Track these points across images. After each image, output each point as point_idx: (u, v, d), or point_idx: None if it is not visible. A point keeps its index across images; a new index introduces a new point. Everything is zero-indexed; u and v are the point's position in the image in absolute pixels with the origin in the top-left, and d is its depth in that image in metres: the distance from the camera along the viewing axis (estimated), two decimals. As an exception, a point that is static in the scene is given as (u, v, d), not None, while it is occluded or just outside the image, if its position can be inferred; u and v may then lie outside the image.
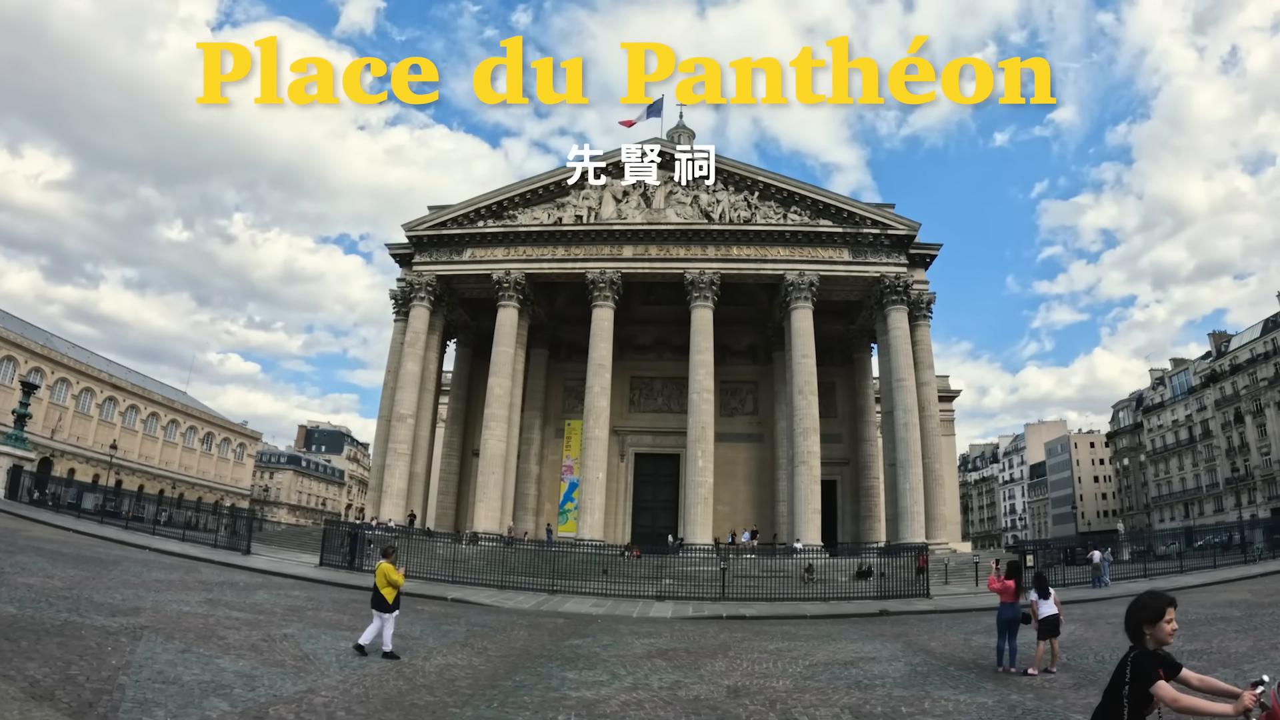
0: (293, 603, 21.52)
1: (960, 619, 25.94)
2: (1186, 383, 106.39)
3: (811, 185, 51.77)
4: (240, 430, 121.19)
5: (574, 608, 27.08)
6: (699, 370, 48.34)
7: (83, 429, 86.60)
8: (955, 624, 24.21)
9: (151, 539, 37.99)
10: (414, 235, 52.33)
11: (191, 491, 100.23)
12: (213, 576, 25.99)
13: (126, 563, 26.05)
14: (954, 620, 25.55)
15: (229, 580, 25.63)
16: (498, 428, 48.85)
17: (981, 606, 29.15)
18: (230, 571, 29.17)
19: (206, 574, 26.62)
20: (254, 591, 23.19)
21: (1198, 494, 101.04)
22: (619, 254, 50.60)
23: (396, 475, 48.66)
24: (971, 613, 27.59)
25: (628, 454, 58.31)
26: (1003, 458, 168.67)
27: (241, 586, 24.32)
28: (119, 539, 35.93)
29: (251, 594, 22.42)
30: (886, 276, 49.46)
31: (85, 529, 38.06)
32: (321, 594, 25.41)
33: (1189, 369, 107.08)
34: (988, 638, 18.01)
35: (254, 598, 21.52)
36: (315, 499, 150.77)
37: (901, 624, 24.64)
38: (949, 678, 14.58)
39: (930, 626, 23.75)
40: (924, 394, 49.66)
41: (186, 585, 22.29)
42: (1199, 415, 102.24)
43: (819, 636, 20.83)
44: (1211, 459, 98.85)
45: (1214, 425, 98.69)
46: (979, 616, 26.11)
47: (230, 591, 22.35)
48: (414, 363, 50.55)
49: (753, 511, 55.74)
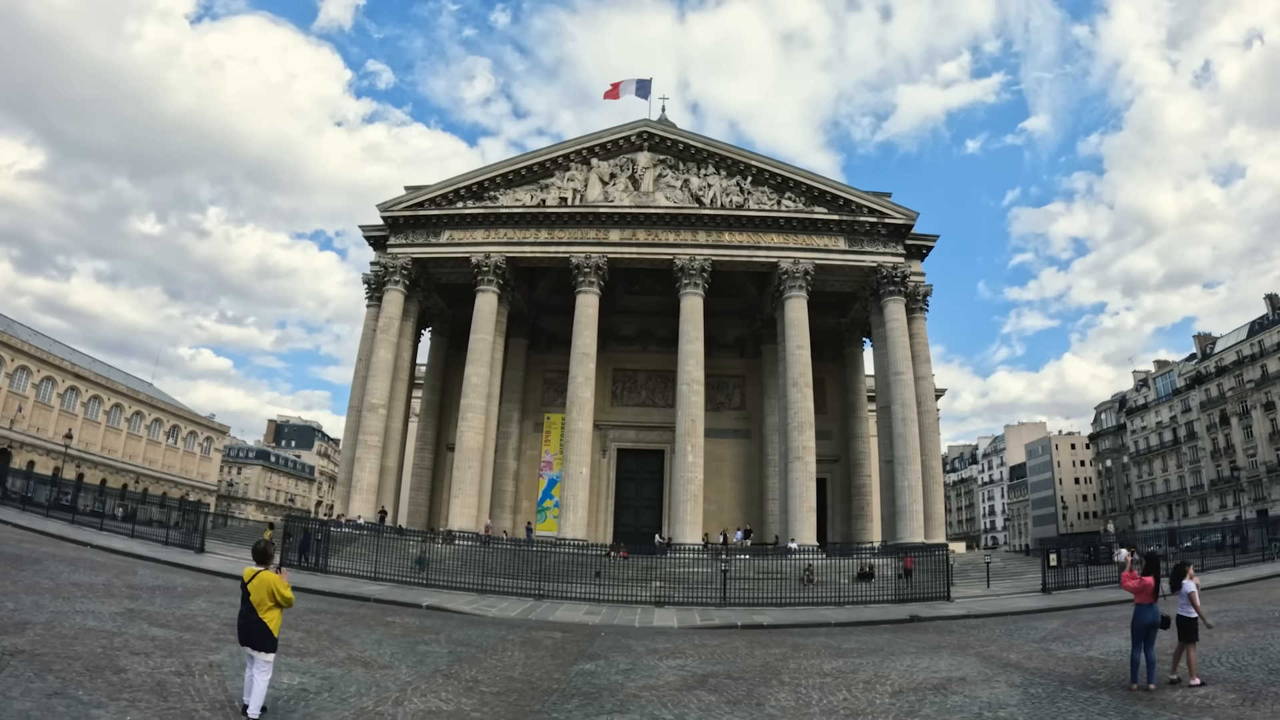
0: (235, 615, 17.94)
1: (1008, 624, 23.59)
2: (1171, 384, 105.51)
3: (807, 171, 49.59)
4: (207, 424, 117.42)
5: (566, 616, 24.58)
6: (689, 360, 45.93)
7: (43, 420, 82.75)
8: (1011, 630, 21.77)
9: (97, 535, 35.09)
10: (389, 216, 49.50)
11: (156, 486, 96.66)
12: (148, 579, 22.93)
13: (50, 561, 22.99)
14: (1003, 626, 23.04)
15: (166, 584, 22.48)
16: (474, 419, 46.20)
17: (1017, 610, 27.26)
18: (173, 573, 26.15)
19: (142, 576, 23.55)
20: (191, 599, 19.96)
21: (1182, 495, 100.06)
22: (605, 238, 48.08)
23: (367, 469, 45.82)
24: (1008, 616, 25.69)
25: (610, 449, 55.86)
26: (982, 459, 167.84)
27: (178, 593, 21.07)
28: (59, 534, 32.98)
29: (187, 602, 19.29)
30: (884, 266, 47.38)
31: (25, 523, 34.99)
32: None
33: (1173, 371, 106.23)
34: (1066, 646, 16.11)
35: (188, 608, 18.37)
36: (285, 495, 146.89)
37: (945, 631, 22.23)
38: (1079, 702, 12.16)
39: (983, 634, 21.31)
40: (921, 389, 47.63)
41: (110, 591, 19.24)
42: (1184, 417, 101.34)
43: (870, 650, 18.22)
44: (1196, 460, 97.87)
45: (1199, 427, 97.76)
46: (1023, 621, 24.23)
47: (161, 599, 19.23)
48: (387, 350, 47.74)
49: (740, 511, 53.47)
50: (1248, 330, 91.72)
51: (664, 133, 50.05)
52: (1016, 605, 28.60)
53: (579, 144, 49.96)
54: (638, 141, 50.11)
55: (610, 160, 50.04)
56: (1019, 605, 28.62)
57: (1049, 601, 29.82)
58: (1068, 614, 25.67)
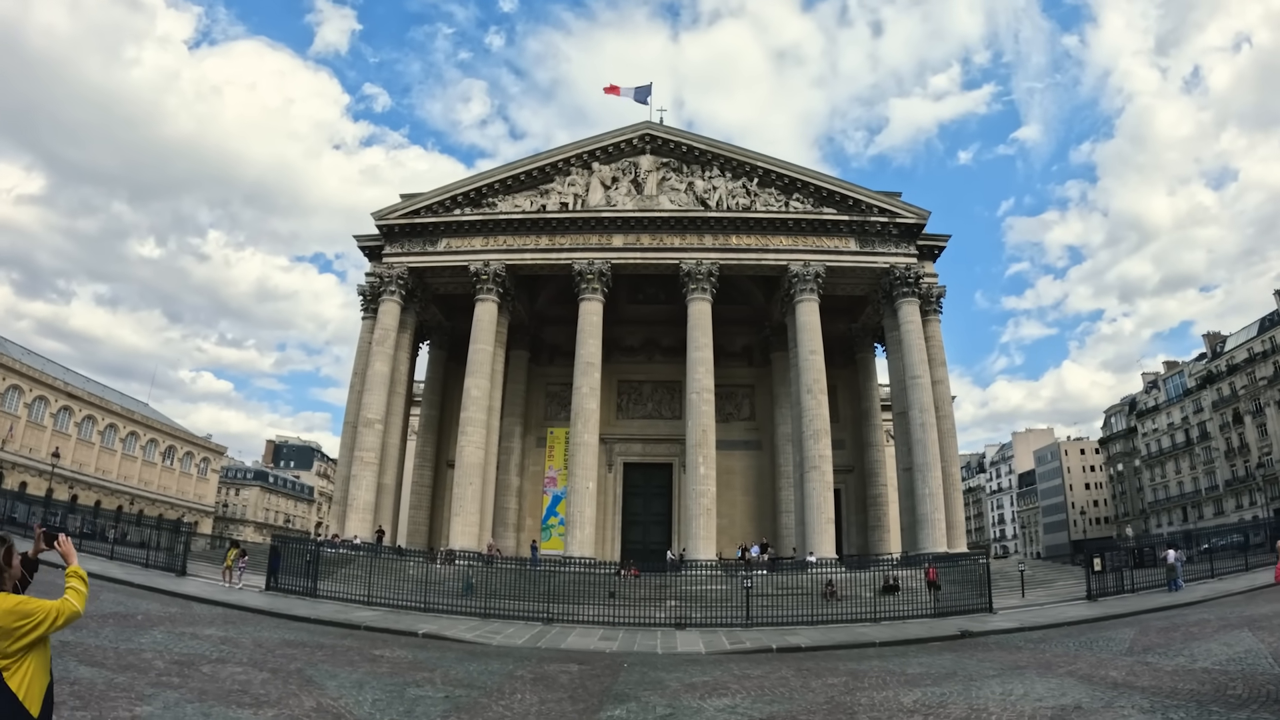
0: (193, 650, 15.96)
1: (1074, 636, 21.61)
2: (1181, 385, 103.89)
3: (814, 171, 48.02)
4: (204, 444, 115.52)
5: (580, 643, 22.44)
6: (698, 368, 44.13)
7: (36, 440, 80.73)
8: (1085, 643, 19.75)
9: None
10: (384, 224, 47.79)
11: (152, 508, 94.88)
12: (106, 606, 20.74)
13: None
14: (1071, 639, 20.95)
15: (126, 611, 20.32)
16: (475, 433, 44.36)
17: (1072, 620, 25.36)
18: (140, 598, 24.10)
19: (102, 602, 21.27)
20: (148, 630, 17.67)
21: (1196, 497, 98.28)
22: (608, 243, 46.38)
23: (363, 487, 43.86)
24: (1065, 627, 23.79)
25: (615, 463, 54.02)
26: (990, 467, 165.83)
27: (135, 622, 18.80)
28: None
29: (140, 634, 17.02)
30: (896, 267, 45.71)
31: None
32: (248, 632, 19.87)
33: (1183, 371, 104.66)
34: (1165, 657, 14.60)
35: (138, 641, 16.00)
36: (283, 516, 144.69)
37: (1010, 648, 20.21)
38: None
39: (1056, 648, 19.30)
40: (938, 393, 45.83)
41: None
42: (1196, 417, 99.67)
43: (944, 675, 16.07)
44: (1210, 461, 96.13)
45: (1212, 427, 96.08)
46: (1088, 631, 22.34)
47: (110, 631, 16.90)
48: (383, 362, 45.92)
49: (752, 525, 51.52)
50: (1258, 327, 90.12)
51: (667, 134, 48.45)
52: (1068, 615, 26.68)
53: (579, 148, 48.36)
54: (640, 144, 48.53)
55: (612, 164, 48.45)
56: (1070, 615, 26.70)
57: (1100, 609, 28.03)
58: (1132, 621, 23.94)
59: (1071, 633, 22.51)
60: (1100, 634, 21.40)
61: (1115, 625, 23.45)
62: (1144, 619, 24.40)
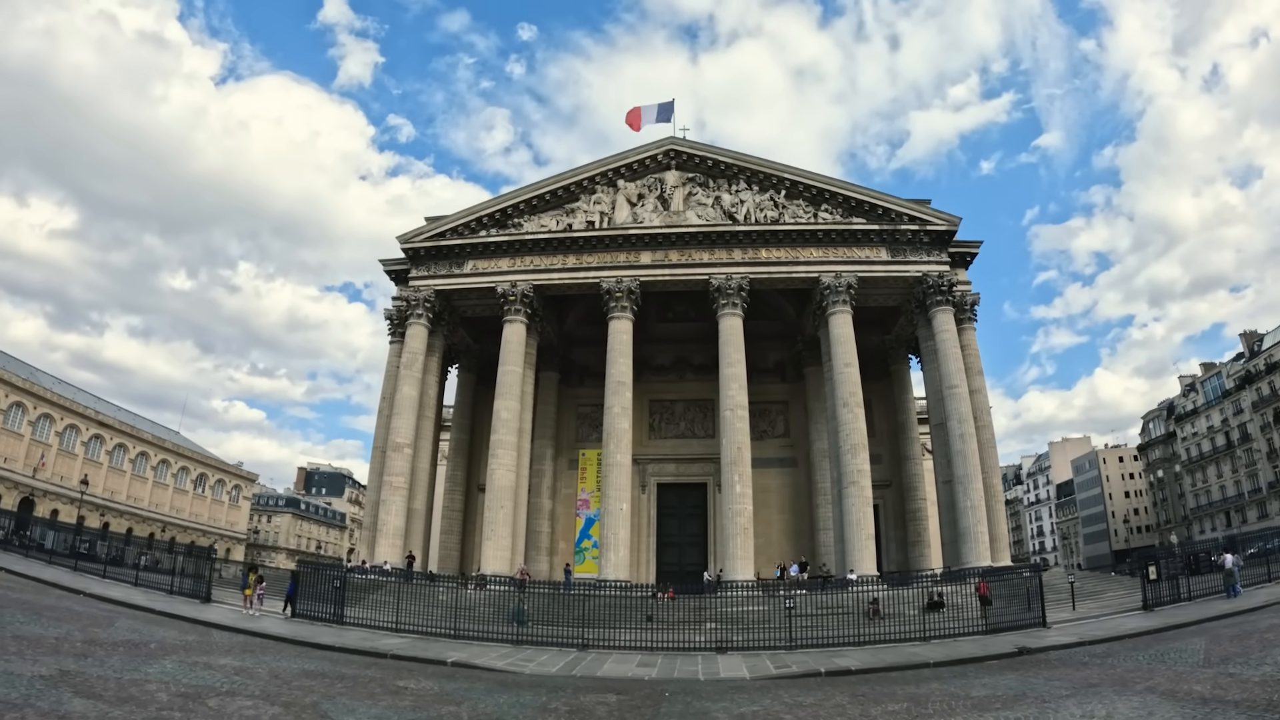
0: (203, 681, 14.59)
1: (1141, 649, 20.54)
2: (1219, 387, 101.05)
3: (842, 181, 47.30)
4: (235, 471, 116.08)
5: (617, 670, 21.58)
6: (731, 384, 43.34)
7: (67, 468, 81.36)
8: (1156, 657, 18.70)
9: (96, 582, 33.07)
10: (410, 248, 47.62)
11: (184, 535, 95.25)
12: (121, 633, 20.05)
13: (11, 609, 20.29)
14: (1138, 653, 19.89)
15: (139, 639, 19.49)
16: (505, 456, 43.81)
17: (1133, 632, 24.09)
18: (158, 625, 23.44)
19: (117, 628, 20.67)
20: (157, 659, 16.64)
21: (1239, 501, 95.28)
22: (636, 260, 45.87)
23: (393, 512, 43.42)
24: (1128, 640, 22.62)
25: (649, 484, 53.23)
26: (1026, 479, 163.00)
27: (147, 651, 17.84)
28: (54, 581, 30.85)
29: (148, 664, 15.92)
30: (929, 276, 44.78)
31: (19, 568, 33.01)
32: (265, 662, 18.75)
33: (1221, 372, 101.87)
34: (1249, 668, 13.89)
35: (145, 671, 14.91)
36: (315, 543, 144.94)
37: (1075, 664, 19.17)
38: None
39: (1125, 663, 18.34)
40: (976, 402, 44.68)
41: (58, 648, 16.14)
42: (1235, 419, 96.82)
43: (1013, 698, 15.03)
44: (1252, 463, 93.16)
45: (1252, 428, 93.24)
46: (1154, 644, 21.15)
47: (118, 659, 15.88)
48: (411, 386, 45.57)
49: (789, 543, 50.45)
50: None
51: (692, 149, 47.98)
52: (1127, 626, 25.45)
53: (604, 165, 48.03)
54: (665, 160, 48.12)
55: (637, 181, 48.04)
56: (1129, 626, 25.46)
57: (1159, 619, 26.76)
58: (1198, 631, 22.85)
59: (1137, 645, 21.41)
60: (1168, 645, 20.35)
61: (1181, 635, 22.37)
62: (1210, 628, 23.30)
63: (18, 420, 75.20)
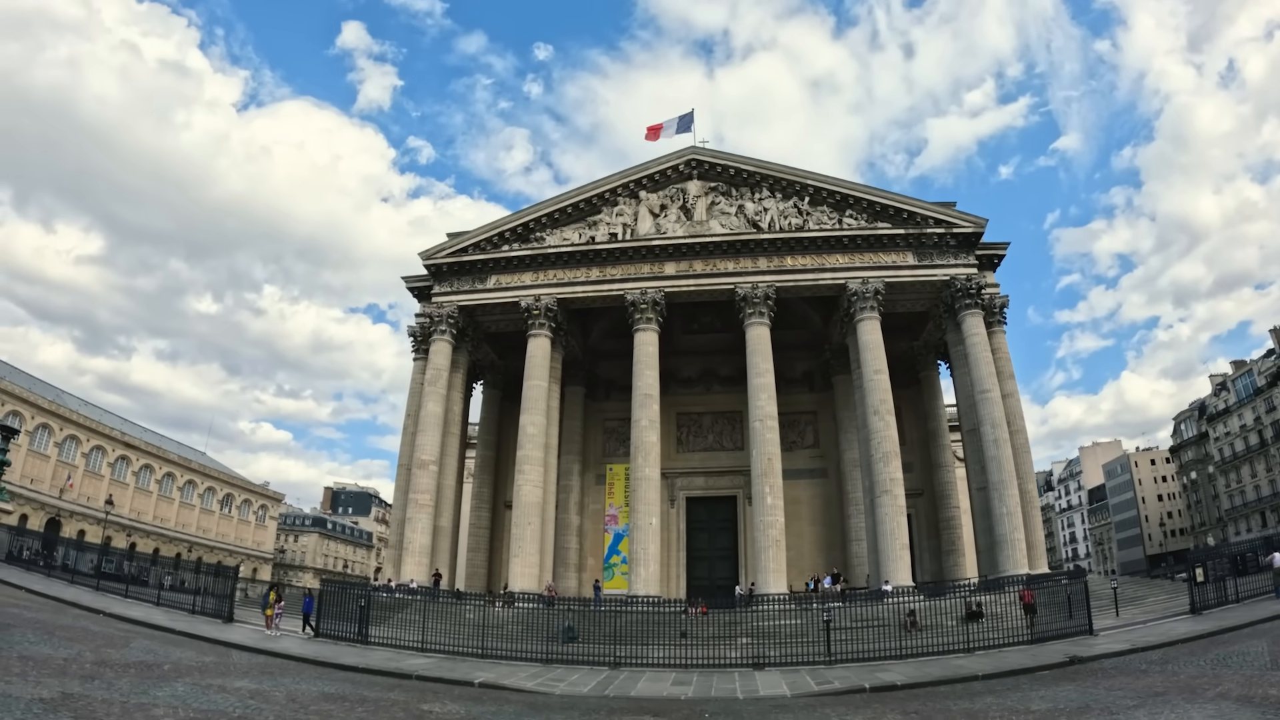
0: (214, 705, 13.88)
1: (1199, 654, 19.67)
2: (1252, 384, 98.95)
3: (866, 186, 46.64)
4: (261, 491, 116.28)
5: (652, 689, 20.88)
6: (760, 395, 42.71)
7: (94, 489, 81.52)
8: (1218, 661, 17.91)
9: (116, 602, 32.72)
10: (432, 264, 47.46)
11: (210, 555, 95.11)
12: (135, 654, 19.35)
13: (23, 628, 19.65)
14: (1198, 658, 19.06)
15: (153, 661, 18.80)
16: (532, 471, 43.39)
17: (1186, 636, 23.20)
18: (176, 646, 22.83)
19: (132, 649, 20.00)
20: (169, 682, 15.79)
21: (1275, 501, 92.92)
22: (660, 271, 45.42)
23: (419, 530, 43.01)
24: (1182, 645, 21.78)
25: (678, 498, 52.63)
26: (1057, 485, 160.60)
27: (160, 672, 17.10)
28: (74, 600, 30.43)
29: (159, 686, 15.00)
30: (957, 279, 44.00)
31: (39, 587, 32.68)
32: (284, 684, 17.88)
33: (1252, 370, 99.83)
34: None
35: (154, 694, 14.01)
36: (342, 562, 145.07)
37: (1134, 673, 18.32)
38: None
39: (1188, 669, 17.52)
40: (1009, 406, 43.66)
41: (65, 668, 15.24)
42: (1269, 416, 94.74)
43: (1075, 711, 14.18)
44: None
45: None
46: (1211, 648, 20.28)
47: (127, 681, 15.02)
48: (435, 403, 45.28)
49: (821, 555, 49.64)
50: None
51: (714, 158, 47.54)
52: (1178, 631, 24.58)
53: (625, 177, 47.72)
54: (686, 170, 47.74)
55: (659, 191, 47.69)
56: (1180, 631, 24.59)
57: (1211, 623, 25.82)
58: (1256, 633, 22.05)
59: (1194, 650, 20.56)
60: (1228, 649, 19.51)
61: (1239, 638, 21.51)
62: (1266, 629, 22.50)
63: (44, 442, 75.57)
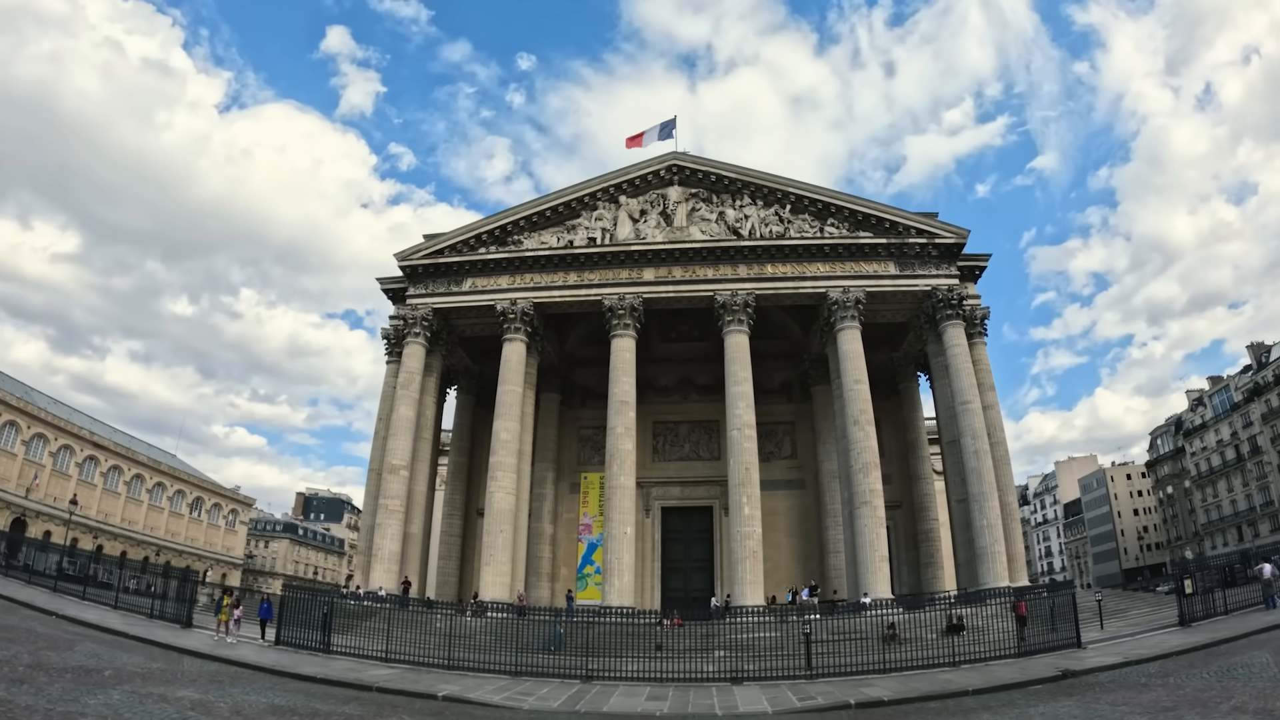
0: (150, 718, 12.89)
1: (1199, 667, 19.35)
2: (1228, 400, 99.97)
3: (848, 195, 46.25)
4: (232, 496, 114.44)
5: (626, 704, 20.16)
6: (738, 403, 42.09)
7: (61, 489, 79.52)
8: (1223, 674, 17.56)
9: (71, 604, 31.67)
10: (408, 266, 46.55)
11: (179, 559, 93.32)
12: (77, 658, 18.36)
13: None
14: (1199, 670, 18.71)
15: (98, 665, 17.85)
16: (505, 478, 42.51)
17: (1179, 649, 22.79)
18: (125, 650, 21.88)
19: (75, 653, 19.03)
20: (105, 689, 14.67)
21: (1251, 515, 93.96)
22: (639, 277, 44.77)
23: (388, 536, 41.94)
24: (1178, 657, 21.37)
25: (653, 508, 51.82)
26: (1033, 499, 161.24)
27: (100, 679, 16.00)
28: (27, 601, 29.57)
29: (94, 693, 14.12)
30: (939, 289, 43.64)
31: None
32: (231, 695, 16.91)
33: (1229, 386, 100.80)
34: None
35: (85, 702, 13.01)
36: (312, 569, 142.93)
37: (1134, 687, 17.86)
38: None
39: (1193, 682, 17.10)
40: (990, 418, 43.36)
41: None
42: (1245, 432, 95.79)
43: None
44: (1264, 476, 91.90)
45: (1263, 440, 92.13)
46: (1210, 661, 19.98)
47: (61, 687, 14.12)
48: (408, 406, 44.32)
49: (798, 567, 49.05)
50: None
51: (695, 164, 47.00)
52: (1170, 644, 24.11)
53: (606, 181, 47.04)
54: (667, 175, 47.15)
55: (639, 197, 47.05)
56: (1173, 643, 24.12)
57: (1204, 635, 25.44)
58: (1250, 645, 21.83)
59: (1193, 662, 20.14)
60: (1229, 661, 19.17)
61: (1237, 650, 21.24)
62: (1263, 640, 22.26)
63: (11, 439, 73.79)
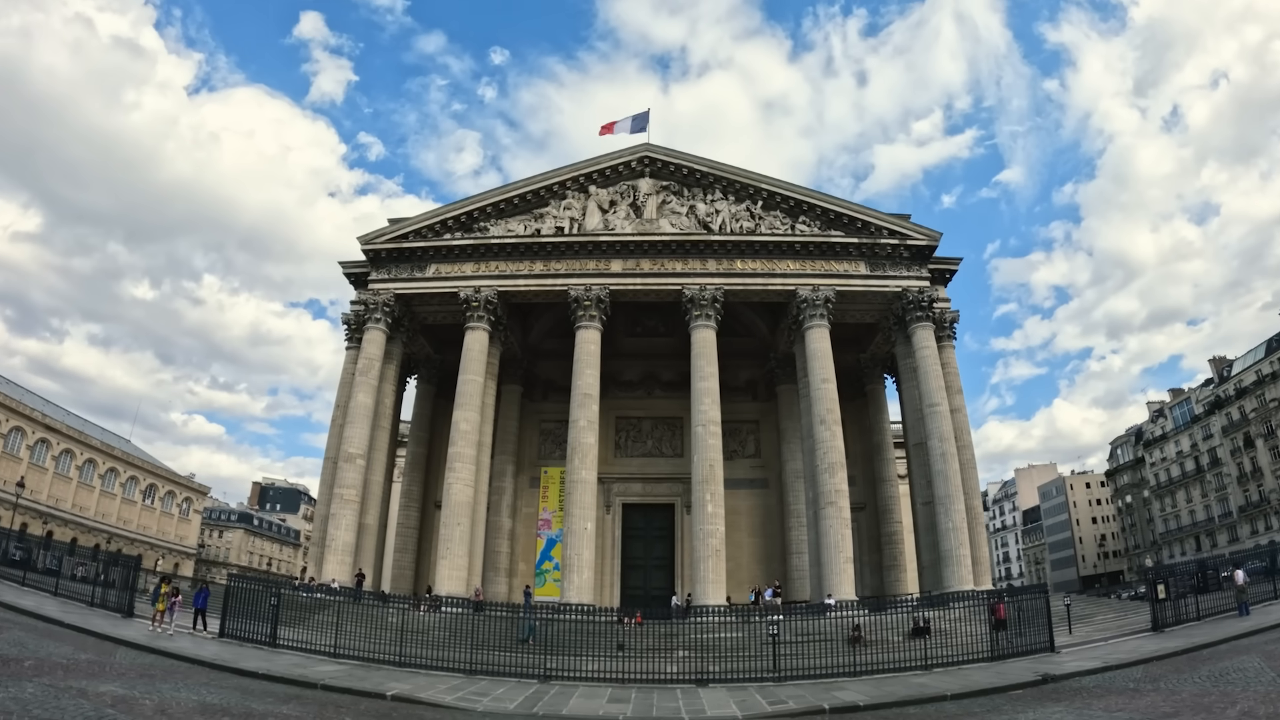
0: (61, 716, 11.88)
1: (1185, 671, 18.97)
2: (1189, 412, 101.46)
3: (821, 193, 45.73)
4: (186, 484, 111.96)
5: (586, 707, 19.25)
6: (703, 399, 41.42)
7: (11, 472, 76.95)
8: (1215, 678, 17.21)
9: (9, 590, 30.45)
10: (371, 250, 45.31)
11: (131, 547, 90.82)
12: None
13: None
14: (1185, 676, 18.28)
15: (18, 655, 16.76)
16: (464, 470, 41.49)
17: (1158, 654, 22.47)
18: (55, 640, 20.70)
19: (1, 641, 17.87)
20: (20, 682, 13.56)
21: (1209, 525, 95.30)
22: (606, 268, 43.91)
23: (343, 526, 40.69)
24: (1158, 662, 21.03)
25: (614, 504, 51.03)
26: (992, 505, 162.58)
27: (20, 670, 14.89)
28: None
29: (5, 686, 13.16)
30: (909, 291, 43.34)
31: None
32: (159, 691, 15.61)
33: (1190, 398, 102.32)
34: None
35: None
36: (266, 560, 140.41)
37: (1121, 692, 17.40)
38: None
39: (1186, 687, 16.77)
40: (957, 421, 43.07)
41: None
42: (1205, 444, 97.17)
43: None
44: (1222, 488, 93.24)
45: (1222, 453, 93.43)
46: (1197, 665, 19.65)
47: None
48: (366, 394, 43.10)
49: (760, 567, 48.58)
50: (1265, 348, 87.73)
51: (667, 156, 46.22)
52: (1148, 649, 23.81)
53: (576, 170, 46.13)
54: (639, 167, 46.34)
55: (610, 187, 46.20)
56: (1151, 648, 23.81)
57: (1180, 640, 25.16)
58: (1233, 649, 21.65)
59: (1178, 666, 19.80)
60: (1218, 665, 18.87)
61: (1221, 654, 21.00)
62: (1247, 645, 22.09)
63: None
